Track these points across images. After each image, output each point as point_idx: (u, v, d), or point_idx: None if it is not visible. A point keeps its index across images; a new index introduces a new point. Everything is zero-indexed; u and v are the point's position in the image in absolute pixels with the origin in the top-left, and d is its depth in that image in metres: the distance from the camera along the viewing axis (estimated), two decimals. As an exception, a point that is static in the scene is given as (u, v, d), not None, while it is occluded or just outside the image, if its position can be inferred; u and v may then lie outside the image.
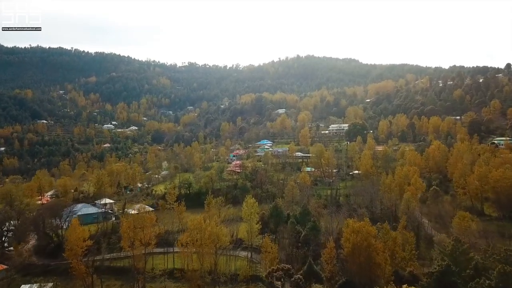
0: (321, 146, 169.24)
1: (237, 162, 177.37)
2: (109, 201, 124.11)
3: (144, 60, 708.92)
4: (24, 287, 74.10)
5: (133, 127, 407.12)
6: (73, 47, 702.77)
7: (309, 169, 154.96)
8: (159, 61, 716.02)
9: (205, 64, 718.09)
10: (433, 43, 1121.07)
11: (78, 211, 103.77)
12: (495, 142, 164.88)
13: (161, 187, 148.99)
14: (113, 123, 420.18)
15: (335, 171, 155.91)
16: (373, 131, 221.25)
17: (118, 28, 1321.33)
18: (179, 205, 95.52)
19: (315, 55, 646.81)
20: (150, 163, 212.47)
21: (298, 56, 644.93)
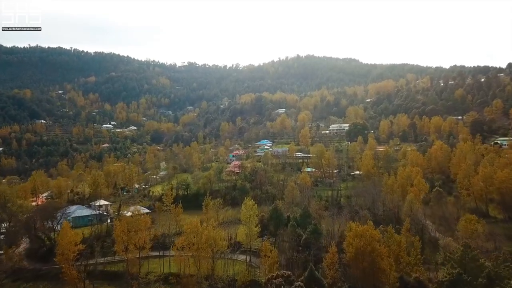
0: (322, 146, 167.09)
1: (237, 162, 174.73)
2: (105, 202, 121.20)
3: (143, 60, 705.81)
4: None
5: (132, 127, 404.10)
6: (72, 47, 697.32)
7: (309, 170, 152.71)
8: (158, 61, 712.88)
9: (204, 64, 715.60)
10: (433, 43, 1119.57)
11: (72, 213, 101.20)
12: (498, 142, 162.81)
13: (159, 188, 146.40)
14: (112, 123, 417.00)
15: (335, 171, 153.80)
16: (374, 131, 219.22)
17: (118, 28, 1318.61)
18: (176, 207, 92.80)
19: (315, 55, 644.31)
20: (148, 163, 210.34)
21: (298, 55, 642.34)
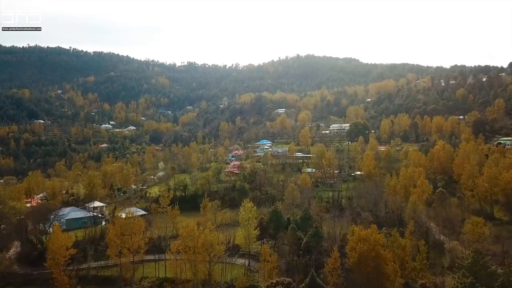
0: (322, 146, 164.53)
1: (236, 162, 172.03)
2: (100, 204, 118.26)
3: (143, 59, 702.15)
4: (3, 298, 69.43)
5: (131, 127, 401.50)
6: (71, 47, 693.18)
7: (309, 170, 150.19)
8: (158, 61, 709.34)
9: (204, 63, 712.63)
10: (434, 43, 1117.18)
11: (66, 215, 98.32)
12: (502, 142, 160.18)
13: (156, 189, 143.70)
14: (111, 123, 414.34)
15: (336, 172, 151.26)
16: (374, 131, 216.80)
17: (117, 28, 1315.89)
18: (173, 208, 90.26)
19: (315, 55, 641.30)
20: (147, 163, 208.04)
21: (298, 55, 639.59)
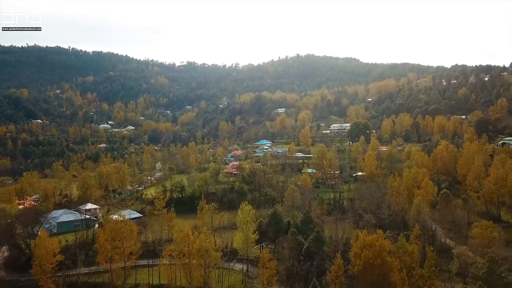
0: (323, 146, 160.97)
1: (235, 163, 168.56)
2: (94, 206, 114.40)
3: (142, 59, 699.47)
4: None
5: (130, 127, 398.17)
6: (70, 46, 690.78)
7: (310, 171, 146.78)
8: (157, 60, 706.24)
9: (204, 63, 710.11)
10: (434, 43, 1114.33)
11: (57, 218, 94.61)
12: (506, 142, 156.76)
13: (152, 190, 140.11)
14: (110, 123, 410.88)
15: (337, 172, 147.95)
16: (375, 131, 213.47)
17: (117, 28, 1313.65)
18: (169, 211, 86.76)
19: (315, 54, 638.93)
20: (145, 163, 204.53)
21: (298, 55, 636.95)
